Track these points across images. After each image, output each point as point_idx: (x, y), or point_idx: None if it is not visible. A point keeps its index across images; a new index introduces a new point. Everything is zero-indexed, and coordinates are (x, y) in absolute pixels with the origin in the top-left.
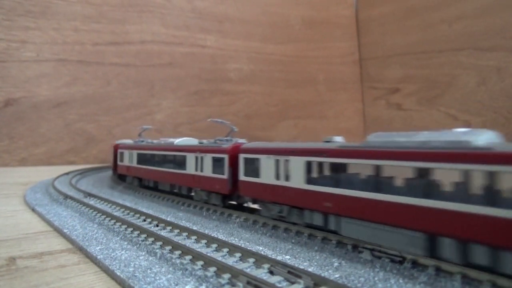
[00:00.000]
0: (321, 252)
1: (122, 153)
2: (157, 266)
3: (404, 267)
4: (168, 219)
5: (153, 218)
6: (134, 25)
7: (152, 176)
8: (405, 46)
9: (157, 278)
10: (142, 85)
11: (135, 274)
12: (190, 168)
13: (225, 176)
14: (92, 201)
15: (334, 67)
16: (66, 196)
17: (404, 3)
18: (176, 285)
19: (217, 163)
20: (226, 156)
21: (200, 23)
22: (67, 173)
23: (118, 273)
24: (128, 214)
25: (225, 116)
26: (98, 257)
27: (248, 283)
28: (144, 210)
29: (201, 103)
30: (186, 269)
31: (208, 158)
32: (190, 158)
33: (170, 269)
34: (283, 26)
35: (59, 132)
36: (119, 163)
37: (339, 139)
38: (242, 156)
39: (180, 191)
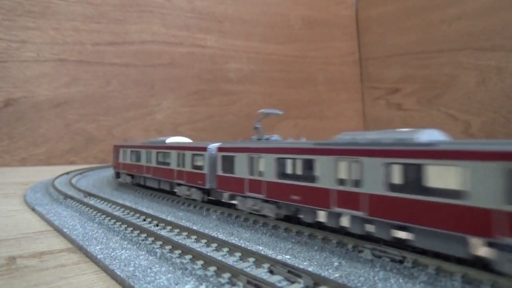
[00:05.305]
0: (321, 251)
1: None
2: (157, 266)
3: (404, 266)
4: (168, 219)
5: (153, 217)
6: (134, 25)
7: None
8: (405, 46)
9: (157, 277)
10: (142, 85)
11: (135, 274)
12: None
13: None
14: (92, 201)
15: (334, 67)
16: (66, 196)
17: (404, 3)
18: (176, 284)
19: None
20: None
21: (200, 23)
22: (67, 173)
23: (118, 273)
24: (128, 213)
25: (225, 116)
26: (98, 256)
27: (248, 282)
28: (144, 209)
29: (201, 103)
30: (186, 269)
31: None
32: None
33: (170, 268)
34: (283, 26)
35: (59, 132)
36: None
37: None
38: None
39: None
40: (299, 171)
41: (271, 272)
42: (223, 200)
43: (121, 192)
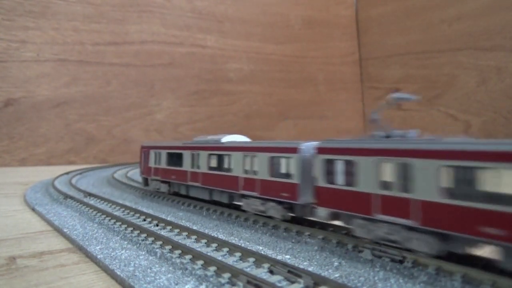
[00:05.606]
0: (321, 251)
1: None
2: (157, 266)
3: (404, 266)
4: (168, 219)
5: (153, 217)
6: (134, 25)
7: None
8: (405, 46)
9: (157, 277)
10: (142, 85)
11: (135, 274)
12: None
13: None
14: (92, 201)
15: (334, 67)
16: (66, 196)
17: (404, 3)
18: (176, 284)
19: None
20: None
21: (200, 23)
22: (67, 173)
23: (118, 273)
24: (128, 213)
25: (225, 116)
26: (98, 256)
27: (248, 282)
28: (144, 209)
29: (201, 103)
30: (186, 269)
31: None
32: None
33: (170, 268)
34: (283, 26)
35: (59, 132)
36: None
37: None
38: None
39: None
40: (501, 190)
41: (271, 272)
42: (317, 219)
43: (121, 192)
